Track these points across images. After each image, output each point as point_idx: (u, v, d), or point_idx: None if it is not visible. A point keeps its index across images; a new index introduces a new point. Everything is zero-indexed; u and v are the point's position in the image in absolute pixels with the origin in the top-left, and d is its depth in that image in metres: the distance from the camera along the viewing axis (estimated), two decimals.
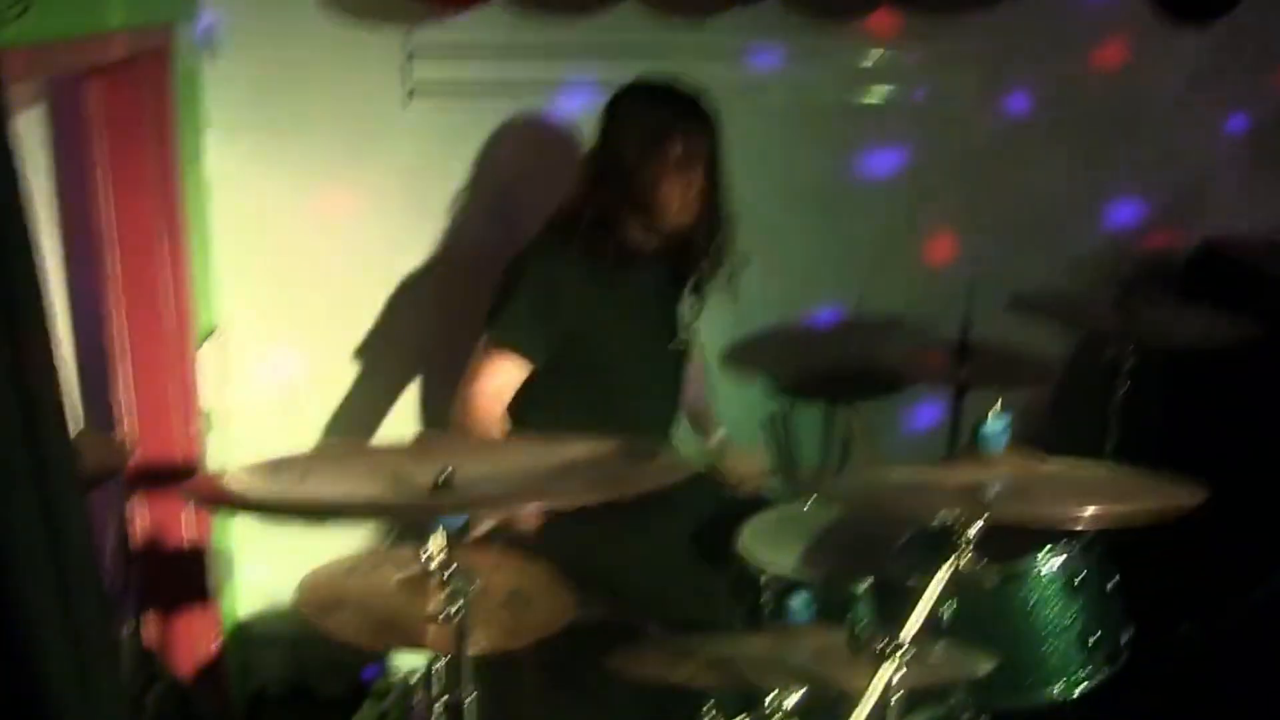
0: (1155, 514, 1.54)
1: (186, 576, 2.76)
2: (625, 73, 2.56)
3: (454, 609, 1.55)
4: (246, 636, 3.09)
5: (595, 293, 2.49)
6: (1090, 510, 1.56)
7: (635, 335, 2.58)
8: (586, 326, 2.50)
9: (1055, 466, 1.67)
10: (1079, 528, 2.00)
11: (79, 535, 1.29)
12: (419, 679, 1.80)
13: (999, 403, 1.69)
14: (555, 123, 2.92)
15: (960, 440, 2.77)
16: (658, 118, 2.45)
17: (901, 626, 1.58)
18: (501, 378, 2.46)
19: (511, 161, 2.94)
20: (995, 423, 1.66)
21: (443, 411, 3.05)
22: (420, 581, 1.68)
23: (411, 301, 3.00)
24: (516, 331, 2.45)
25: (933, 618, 1.60)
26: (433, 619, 1.58)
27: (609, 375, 2.55)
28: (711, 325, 2.82)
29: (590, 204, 2.47)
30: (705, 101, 2.49)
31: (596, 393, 2.54)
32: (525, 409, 2.51)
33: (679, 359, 2.71)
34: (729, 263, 2.58)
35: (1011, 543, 1.99)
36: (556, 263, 2.47)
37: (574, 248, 2.46)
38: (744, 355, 3.13)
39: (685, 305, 2.66)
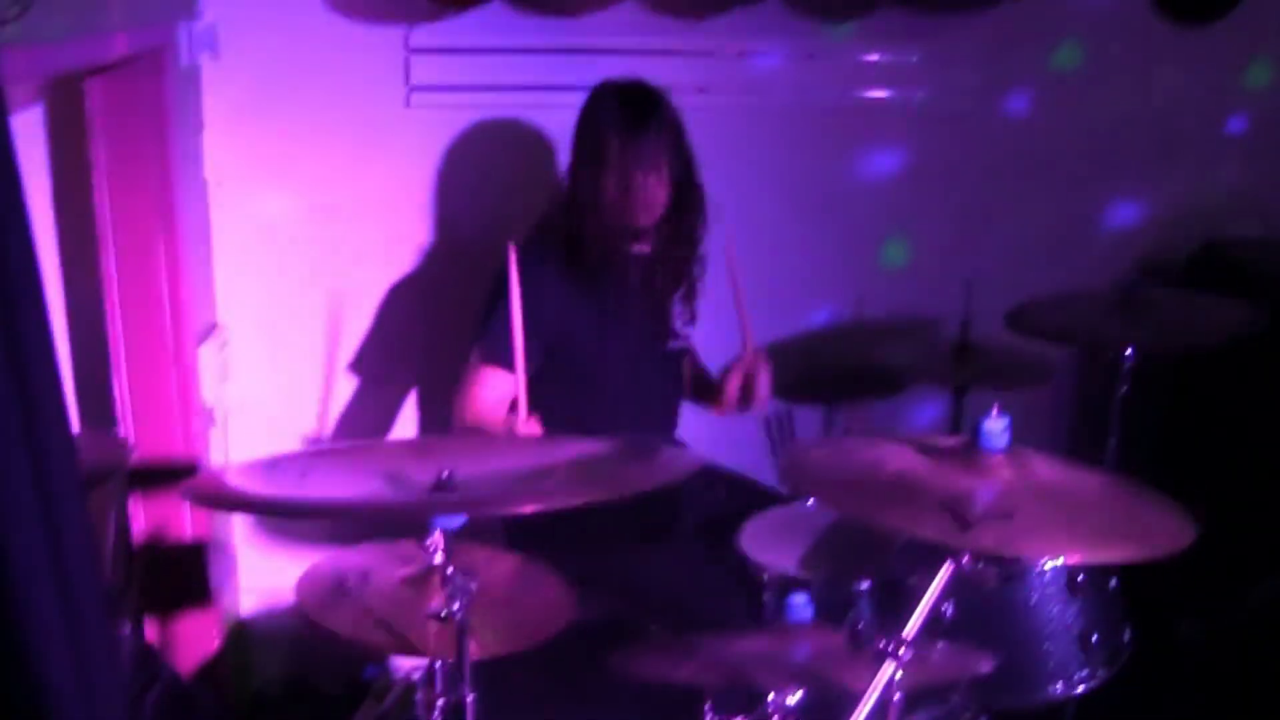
0: (1141, 555, 1.51)
1: (187, 576, 2.76)
2: (625, 73, 2.56)
3: (454, 608, 1.55)
4: (247, 635, 3.09)
5: (580, 302, 2.49)
6: (1074, 554, 1.53)
7: (624, 342, 2.57)
8: (573, 336, 2.50)
9: (1049, 473, 1.66)
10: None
11: (79, 535, 1.29)
12: (420, 678, 1.80)
13: (998, 404, 1.68)
14: (554, 122, 2.91)
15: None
16: (596, 122, 2.46)
17: (902, 626, 1.58)
18: (493, 392, 2.46)
19: (511, 162, 2.94)
20: (995, 424, 1.65)
21: (442, 411, 3.06)
22: (421, 580, 1.68)
23: (411, 301, 3.00)
24: (501, 348, 2.44)
25: (933, 617, 1.60)
26: (434, 618, 1.58)
27: (599, 383, 2.55)
28: (711, 326, 2.81)
29: (562, 215, 2.49)
30: (653, 99, 2.47)
31: (588, 400, 2.53)
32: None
33: (673, 364, 2.70)
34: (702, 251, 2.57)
35: None
36: (539, 274, 2.46)
37: (556, 258, 2.47)
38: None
39: (676, 309, 2.65)
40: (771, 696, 1.77)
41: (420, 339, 3.03)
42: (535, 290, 2.46)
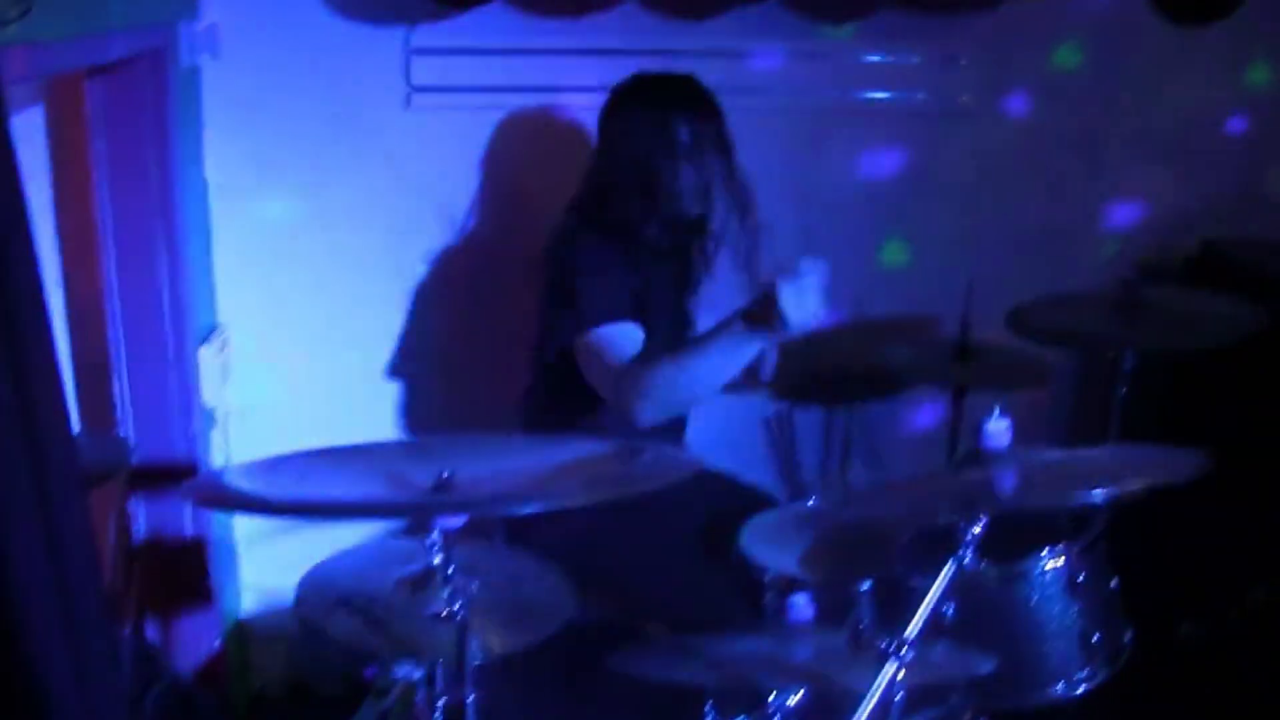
0: (1161, 483, 1.52)
1: (186, 576, 2.76)
2: (625, 73, 2.56)
3: (454, 608, 1.55)
4: (246, 636, 3.09)
5: (632, 290, 2.45)
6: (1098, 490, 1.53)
7: (661, 331, 2.56)
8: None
9: (1057, 454, 1.67)
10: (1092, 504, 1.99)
11: (79, 536, 1.30)
12: (420, 679, 1.80)
13: (999, 405, 1.68)
14: (555, 123, 2.92)
15: (960, 442, 2.77)
16: (658, 107, 2.43)
17: (903, 627, 1.58)
18: (630, 346, 2.31)
19: (511, 162, 2.94)
20: (996, 424, 1.66)
21: (442, 410, 3.06)
22: (420, 582, 1.68)
23: (411, 301, 3.00)
24: (611, 306, 2.33)
25: (934, 618, 1.60)
26: (433, 620, 1.58)
27: None
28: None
29: (606, 205, 2.43)
30: (703, 87, 2.48)
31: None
32: (546, 407, 2.50)
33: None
34: (751, 242, 2.54)
35: (1013, 543, 1.99)
36: (607, 256, 2.40)
37: (611, 246, 2.41)
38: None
39: (694, 301, 2.65)
40: (772, 697, 1.77)
41: (419, 338, 3.03)
42: (613, 266, 2.39)
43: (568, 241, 2.44)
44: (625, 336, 2.32)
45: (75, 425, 2.03)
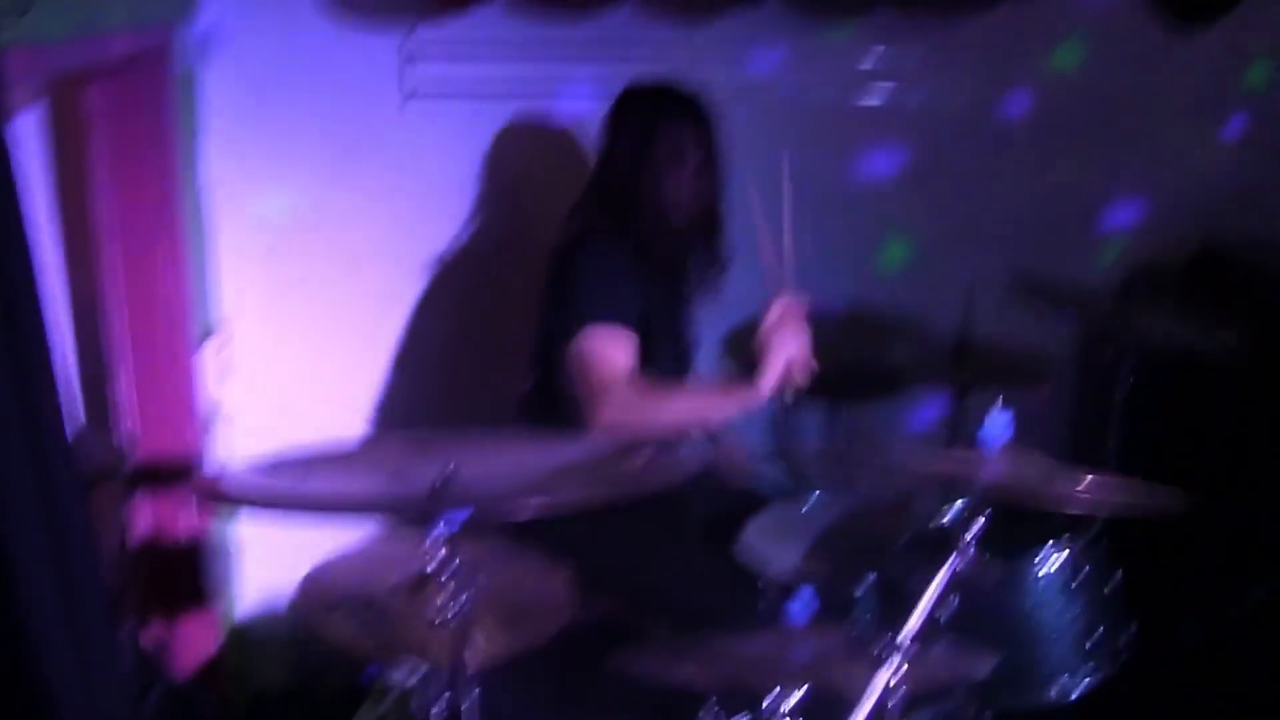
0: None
1: (186, 576, 2.76)
2: (625, 73, 2.56)
3: (454, 609, 1.55)
4: (246, 637, 3.09)
5: (642, 297, 2.44)
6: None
7: (666, 338, 2.55)
8: (638, 330, 2.45)
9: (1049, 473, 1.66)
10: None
11: (80, 535, 1.30)
12: (419, 679, 1.80)
13: (999, 402, 1.69)
14: (555, 123, 2.92)
15: (960, 441, 2.76)
16: (643, 117, 2.44)
17: (902, 626, 1.58)
18: (625, 353, 2.31)
19: (511, 161, 2.94)
20: (996, 422, 1.66)
21: (442, 410, 3.06)
22: (420, 582, 1.68)
23: (410, 301, 3.00)
24: (611, 307, 2.32)
25: (933, 618, 1.60)
26: (433, 620, 1.58)
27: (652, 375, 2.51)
28: (711, 326, 2.81)
29: (608, 214, 2.44)
30: (698, 98, 2.47)
31: None
32: (547, 410, 2.50)
33: (687, 363, 2.70)
34: (719, 262, 2.56)
35: (1012, 542, 1.99)
36: (617, 262, 2.40)
37: (622, 251, 2.42)
38: (744, 356, 3.13)
39: (691, 317, 2.65)
40: (772, 697, 1.77)
41: (419, 338, 3.03)
42: (620, 273, 2.39)
43: (575, 246, 2.44)
44: (621, 340, 2.31)
45: (76, 425, 2.03)
